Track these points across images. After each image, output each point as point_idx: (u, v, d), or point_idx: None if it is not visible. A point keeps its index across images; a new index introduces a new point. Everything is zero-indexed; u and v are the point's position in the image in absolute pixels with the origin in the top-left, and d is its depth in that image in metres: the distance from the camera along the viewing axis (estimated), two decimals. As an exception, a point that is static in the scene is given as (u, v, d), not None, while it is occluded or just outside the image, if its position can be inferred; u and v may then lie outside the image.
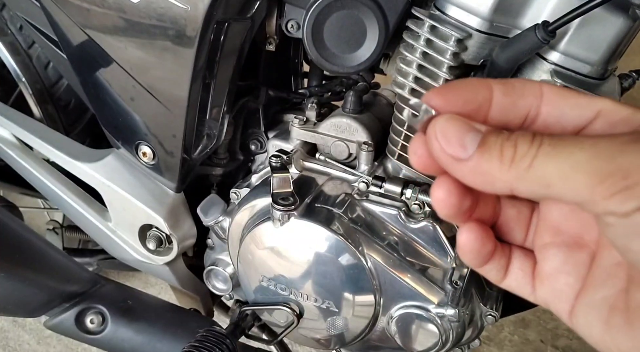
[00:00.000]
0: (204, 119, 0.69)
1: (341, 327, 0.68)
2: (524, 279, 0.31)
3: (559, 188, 0.23)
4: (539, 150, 0.24)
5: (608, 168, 0.22)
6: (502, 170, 0.24)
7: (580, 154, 0.22)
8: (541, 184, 0.23)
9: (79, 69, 0.74)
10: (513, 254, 0.31)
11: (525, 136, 0.24)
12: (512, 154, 0.24)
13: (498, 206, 0.31)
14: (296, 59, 0.87)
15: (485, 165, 0.25)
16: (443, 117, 0.26)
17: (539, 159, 0.23)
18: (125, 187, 0.79)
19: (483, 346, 1.39)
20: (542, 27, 0.46)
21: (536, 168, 0.23)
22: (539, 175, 0.23)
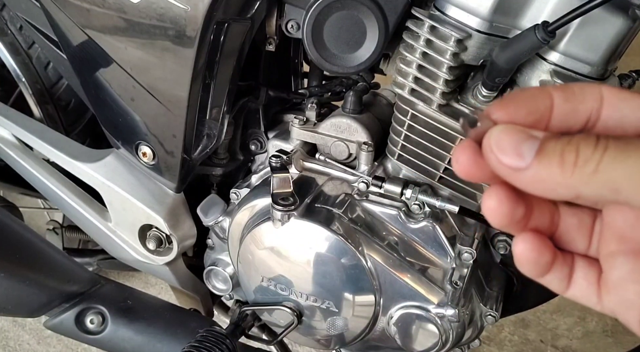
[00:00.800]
0: (204, 119, 0.69)
1: (341, 327, 0.68)
2: (589, 289, 0.30)
3: (629, 193, 0.22)
4: (604, 153, 0.23)
5: None
6: (565, 176, 0.24)
7: None
8: (609, 189, 0.23)
9: (79, 69, 0.74)
10: (576, 263, 0.30)
11: (588, 139, 0.24)
12: (574, 158, 0.23)
13: (557, 215, 0.30)
14: (296, 59, 0.87)
15: (544, 172, 0.24)
16: (497, 128, 0.26)
17: (605, 162, 0.23)
18: (125, 187, 0.79)
19: (483, 346, 1.39)
20: (542, 27, 0.46)
21: (603, 172, 0.23)
22: (607, 179, 0.23)
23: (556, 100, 0.27)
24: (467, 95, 0.58)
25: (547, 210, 0.29)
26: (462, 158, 0.26)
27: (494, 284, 0.71)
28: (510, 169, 0.25)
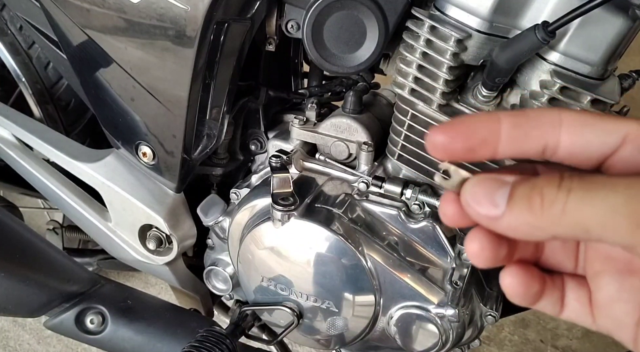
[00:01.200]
0: (204, 119, 0.69)
1: (341, 327, 0.68)
2: (583, 310, 0.30)
3: (599, 233, 0.23)
4: (569, 195, 0.23)
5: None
6: (536, 219, 0.24)
7: (616, 197, 0.22)
8: (579, 229, 0.23)
9: (79, 69, 0.74)
10: (566, 285, 0.30)
11: (551, 182, 0.24)
12: (540, 201, 0.24)
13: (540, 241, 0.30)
14: (296, 59, 0.87)
15: (517, 217, 0.24)
16: (471, 182, 0.26)
17: (571, 204, 0.23)
18: (125, 187, 0.79)
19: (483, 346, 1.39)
20: (542, 27, 0.46)
21: (570, 214, 0.23)
22: (575, 220, 0.23)
23: (504, 125, 0.27)
24: (467, 95, 0.58)
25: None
26: (448, 211, 0.27)
27: (494, 284, 0.71)
28: (488, 218, 0.25)
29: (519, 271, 0.28)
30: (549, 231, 0.24)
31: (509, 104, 0.57)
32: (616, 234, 0.22)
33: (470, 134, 0.27)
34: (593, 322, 0.30)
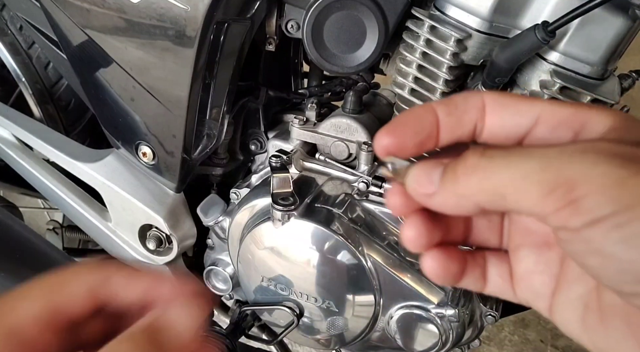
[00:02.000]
0: (204, 119, 0.69)
1: (341, 327, 0.68)
2: (504, 284, 0.31)
3: (513, 199, 0.23)
4: (490, 161, 0.24)
5: (556, 179, 0.21)
6: (460, 187, 0.25)
7: (531, 163, 0.23)
8: (498, 196, 0.24)
9: (79, 69, 0.74)
10: (489, 262, 0.32)
11: (474, 151, 0.25)
12: (464, 169, 0.25)
13: (469, 221, 0.32)
14: (296, 59, 0.87)
15: (447, 190, 0.26)
16: (414, 166, 0.28)
17: (490, 169, 0.24)
18: (125, 187, 0.79)
19: (483, 346, 1.39)
20: (541, 27, 0.46)
21: (490, 179, 0.24)
22: (493, 185, 0.24)
23: (440, 115, 0.28)
24: (467, 95, 0.58)
25: (460, 221, 0.31)
26: (395, 201, 0.29)
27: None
28: (426, 196, 0.27)
29: (438, 254, 0.30)
30: (472, 199, 0.25)
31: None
32: (528, 200, 0.22)
33: (417, 131, 0.28)
34: (514, 295, 0.31)
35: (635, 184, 0.20)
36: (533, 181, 0.22)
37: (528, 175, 0.22)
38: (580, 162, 0.21)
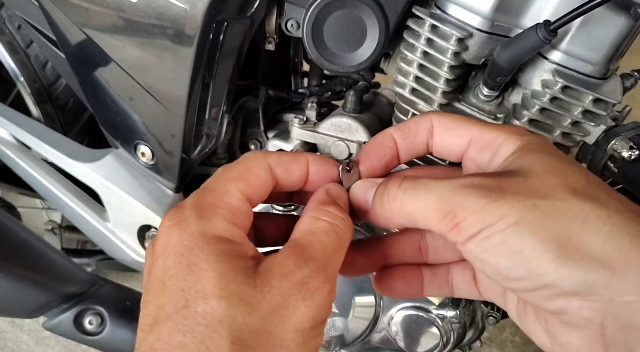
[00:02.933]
0: (203, 119, 0.69)
1: (341, 328, 0.67)
2: (470, 288, 0.37)
3: (423, 222, 0.30)
4: (404, 193, 0.31)
5: (446, 208, 0.29)
6: (385, 212, 0.32)
7: (430, 197, 0.29)
8: (412, 220, 0.30)
9: (78, 68, 0.74)
10: (452, 271, 0.37)
11: (395, 182, 0.31)
12: (387, 198, 0.31)
13: (423, 243, 0.38)
14: (296, 58, 0.87)
15: (376, 212, 0.32)
16: (356, 183, 0.34)
17: (404, 200, 0.30)
18: (123, 187, 0.79)
19: (484, 347, 1.39)
20: (543, 26, 0.46)
21: (404, 207, 0.31)
22: (407, 212, 0.30)
23: (397, 140, 0.35)
24: (469, 94, 0.58)
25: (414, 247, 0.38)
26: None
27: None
28: (363, 212, 0.33)
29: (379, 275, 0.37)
30: (395, 221, 0.32)
31: (511, 104, 0.57)
32: (431, 223, 0.29)
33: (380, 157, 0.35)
34: (480, 296, 0.37)
35: (494, 208, 0.27)
36: (432, 211, 0.29)
37: (428, 206, 0.29)
38: (459, 195, 0.28)
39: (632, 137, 0.52)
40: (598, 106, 0.51)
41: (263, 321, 0.27)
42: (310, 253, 0.29)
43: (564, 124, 0.53)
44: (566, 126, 0.53)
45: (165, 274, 0.29)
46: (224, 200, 0.31)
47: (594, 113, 0.52)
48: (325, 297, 0.29)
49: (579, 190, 0.27)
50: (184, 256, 0.29)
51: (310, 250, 0.29)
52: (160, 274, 0.29)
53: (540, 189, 0.28)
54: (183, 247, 0.29)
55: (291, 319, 0.28)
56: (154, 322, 0.28)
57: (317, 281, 0.28)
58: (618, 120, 0.54)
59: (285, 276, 0.28)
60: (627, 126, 0.54)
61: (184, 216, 0.30)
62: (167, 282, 0.28)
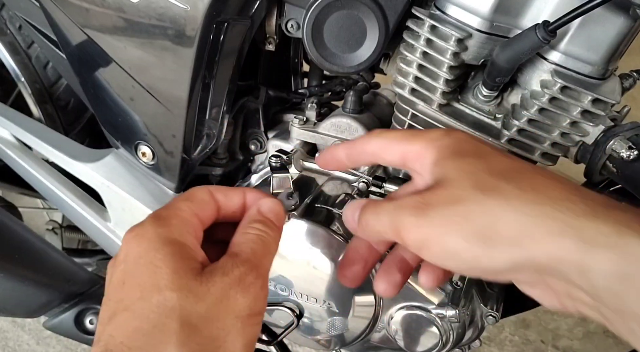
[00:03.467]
0: (203, 119, 0.69)
1: (341, 327, 0.67)
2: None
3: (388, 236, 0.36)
4: (369, 216, 0.37)
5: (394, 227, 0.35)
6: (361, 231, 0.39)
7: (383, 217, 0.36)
8: (379, 235, 0.37)
9: (78, 68, 0.74)
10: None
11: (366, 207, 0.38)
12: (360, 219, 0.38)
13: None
14: (296, 58, 0.87)
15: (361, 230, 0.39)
16: (347, 205, 0.41)
17: (370, 221, 0.37)
18: (124, 187, 0.79)
19: (484, 346, 1.39)
20: (542, 26, 0.46)
21: (370, 226, 0.37)
22: (374, 230, 0.37)
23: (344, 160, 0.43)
24: (468, 95, 0.58)
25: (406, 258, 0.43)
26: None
27: (494, 284, 0.71)
28: (354, 230, 0.39)
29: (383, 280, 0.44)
30: (370, 237, 0.41)
31: (510, 104, 0.57)
32: (393, 237, 0.35)
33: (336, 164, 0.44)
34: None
35: (425, 222, 0.33)
36: (387, 228, 0.36)
37: (384, 225, 0.36)
38: (399, 215, 0.35)
39: (631, 137, 0.52)
40: (597, 106, 0.51)
41: (208, 308, 0.33)
42: (243, 256, 0.36)
43: (563, 124, 0.53)
44: (565, 126, 0.53)
45: (126, 274, 0.34)
46: (177, 214, 0.37)
47: (593, 113, 0.52)
48: (259, 290, 0.35)
49: (486, 186, 0.33)
50: (143, 257, 0.34)
51: (244, 254, 0.36)
52: (121, 276, 0.34)
53: (456, 195, 0.33)
54: (142, 250, 0.34)
55: (232, 307, 0.33)
56: (113, 315, 0.33)
57: (251, 277, 0.35)
58: (617, 121, 0.55)
59: (225, 273, 0.34)
60: (626, 126, 0.54)
61: (144, 225, 0.36)
62: (127, 281, 0.33)
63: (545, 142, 0.55)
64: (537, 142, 0.55)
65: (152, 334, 0.31)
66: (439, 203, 0.33)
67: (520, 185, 0.32)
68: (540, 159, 0.56)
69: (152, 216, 0.37)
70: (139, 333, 0.31)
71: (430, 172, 0.36)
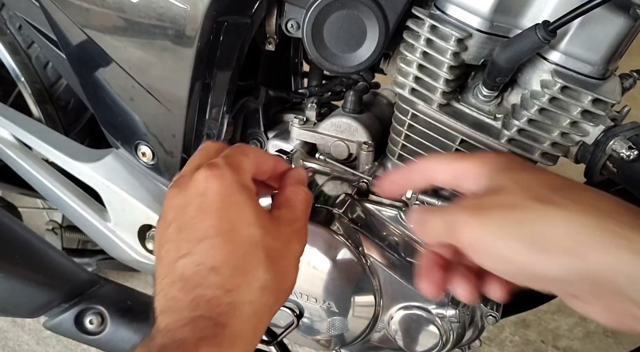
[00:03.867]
0: (203, 119, 0.69)
1: (341, 327, 0.67)
2: None
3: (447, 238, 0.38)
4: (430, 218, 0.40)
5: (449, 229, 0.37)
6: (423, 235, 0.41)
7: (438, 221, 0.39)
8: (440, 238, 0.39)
9: (78, 68, 0.74)
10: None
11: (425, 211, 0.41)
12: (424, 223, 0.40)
13: None
14: (296, 58, 0.87)
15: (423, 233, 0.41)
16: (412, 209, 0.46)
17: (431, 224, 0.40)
18: (124, 187, 0.79)
19: (484, 346, 1.39)
20: (542, 26, 0.46)
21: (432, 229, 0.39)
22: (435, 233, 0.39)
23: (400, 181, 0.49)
24: (468, 95, 0.58)
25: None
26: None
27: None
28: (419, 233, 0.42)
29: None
30: (428, 238, 0.41)
31: (510, 104, 0.57)
32: (447, 237, 0.37)
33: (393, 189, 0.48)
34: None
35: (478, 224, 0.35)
36: (442, 229, 0.38)
37: (440, 225, 0.38)
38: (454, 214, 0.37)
39: (631, 137, 0.52)
40: (597, 106, 0.51)
41: (280, 247, 0.41)
42: (298, 213, 0.44)
43: (563, 124, 0.53)
44: (565, 126, 0.53)
45: (211, 206, 0.39)
46: (242, 165, 0.42)
47: (593, 113, 0.52)
48: (304, 241, 0.45)
49: (541, 197, 0.34)
50: (227, 196, 0.39)
51: (298, 211, 0.44)
52: (204, 206, 0.39)
53: (513, 202, 0.35)
54: (225, 191, 0.40)
55: (292, 250, 0.43)
56: (199, 240, 0.38)
57: (303, 231, 0.44)
58: (617, 121, 0.55)
59: (289, 224, 0.43)
60: (626, 126, 0.54)
61: (220, 168, 0.41)
62: (212, 213, 0.39)
63: (545, 142, 0.55)
64: (537, 142, 0.55)
65: (244, 259, 0.38)
66: (496, 207, 0.35)
67: (572, 198, 0.34)
68: (540, 159, 0.56)
69: (226, 161, 0.42)
70: (232, 257, 0.38)
71: (484, 185, 0.38)
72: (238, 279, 0.38)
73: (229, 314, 0.36)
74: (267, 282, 0.39)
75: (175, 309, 0.36)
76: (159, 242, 0.41)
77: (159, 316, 0.37)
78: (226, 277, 0.37)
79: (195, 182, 0.40)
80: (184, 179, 0.42)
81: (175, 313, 0.36)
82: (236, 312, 0.37)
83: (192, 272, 0.37)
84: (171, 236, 0.39)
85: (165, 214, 0.41)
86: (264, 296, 0.39)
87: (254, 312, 0.38)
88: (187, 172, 0.42)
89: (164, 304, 0.37)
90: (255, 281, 0.38)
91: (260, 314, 0.39)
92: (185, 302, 0.36)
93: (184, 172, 0.43)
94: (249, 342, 0.38)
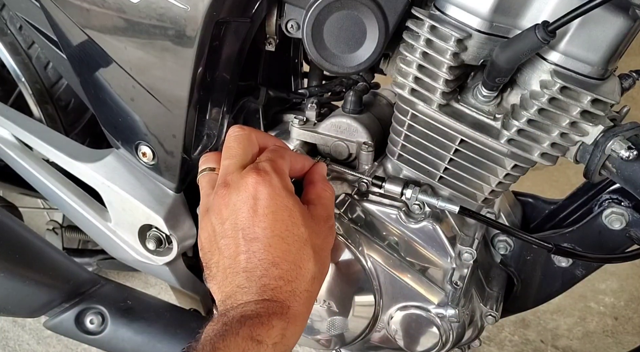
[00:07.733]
0: (203, 119, 0.69)
1: (341, 327, 0.68)
2: None
3: None
4: None
5: None
6: None
7: None
8: None
9: (79, 69, 0.74)
10: None
11: None
12: None
13: None
14: (296, 59, 0.87)
15: None
16: None
17: None
18: (125, 187, 0.79)
19: (483, 346, 1.39)
20: (542, 27, 0.46)
21: None
22: None
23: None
24: (468, 95, 0.58)
25: None
26: None
27: (494, 284, 0.71)
28: None
29: None
30: None
31: (509, 104, 0.57)
32: None
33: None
34: None
35: None
36: None
37: None
38: None
39: (631, 138, 0.52)
40: (596, 107, 0.51)
41: (321, 242, 0.51)
42: (328, 211, 0.54)
43: (563, 125, 0.53)
44: (565, 126, 0.53)
45: (263, 209, 0.47)
46: (283, 169, 0.51)
47: (593, 113, 0.52)
48: (335, 235, 0.56)
49: None
50: (276, 200, 0.48)
51: (329, 209, 0.54)
52: (257, 209, 0.47)
53: None
54: (275, 195, 0.48)
55: (328, 244, 0.54)
56: (258, 240, 0.47)
57: (334, 227, 0.56)
58: (616, 121, 0.55)
59: (325, 221, 0.53)
60: (625, 126, 0.54)
61: (268, 174, 0.49)
62: (267, 215, 0.47)
63: (544, 143, 0.55)
64: (537, 142, 0.55)
65: (298, 255, 0.48)
66: None
67: None
68: (540, 159, 0.56)
69: (272, 166, 0.49)
70: (288, 254, 0.47)
71: None
72: (295, 272, 0.47)
73: (290, 299, 0.47)
74: (316, 273, 0.50)
75: (244, 293, 0.46)
76: (214, 234, 0.50)
77: (226, 299, 0.47)
78: (286, 271, 0.47)
79: (246, 185, 0.48)
80: (232, 178, 0.49)
81: (245, 295, 0.46)
82: (296, 298, 0.47)
83: (254, 265, 0.46)
84: (228, 232, 0.48)
85: (219, 210, 0.49)
86: (314, 284, 0.50)
87: (309, 297, 0.49)
88: (231, 169, 0.50)
89: (232, 290, 0.47)
90: (307, 273, 0.49)
91: (312, 298, 0.50)
92: (254, 289, 0.46)
93: (227, 168, 0.51)
94: (304, 319, 0.49)
